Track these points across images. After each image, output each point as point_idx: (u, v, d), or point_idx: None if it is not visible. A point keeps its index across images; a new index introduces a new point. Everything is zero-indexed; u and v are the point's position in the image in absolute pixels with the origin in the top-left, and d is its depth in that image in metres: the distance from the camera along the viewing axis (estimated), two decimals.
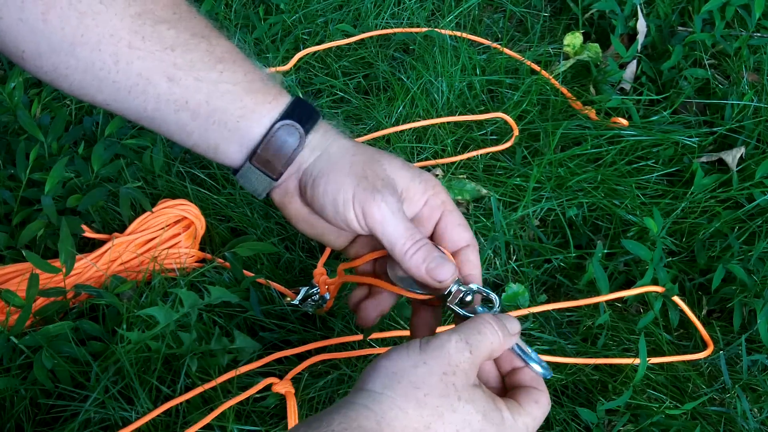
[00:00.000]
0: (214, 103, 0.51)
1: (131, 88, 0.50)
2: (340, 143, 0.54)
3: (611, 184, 0.94)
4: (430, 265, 0.50)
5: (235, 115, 0.52)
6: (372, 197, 0.50)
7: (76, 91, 0.51)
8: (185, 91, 0.50)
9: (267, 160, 0.53)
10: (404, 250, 0.50)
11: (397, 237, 0.50)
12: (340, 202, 0.51)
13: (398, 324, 0.79)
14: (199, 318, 0.76)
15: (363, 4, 1.16)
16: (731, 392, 0.77)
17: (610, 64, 1.09)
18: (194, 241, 0.85)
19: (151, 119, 0.52)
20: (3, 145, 0.92)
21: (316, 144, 0.53)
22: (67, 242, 0.76)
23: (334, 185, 0.51)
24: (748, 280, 0.83)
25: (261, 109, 0.52)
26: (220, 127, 0.52)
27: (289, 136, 0.52)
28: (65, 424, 0.70)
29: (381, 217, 0.50)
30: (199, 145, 0.54)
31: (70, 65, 0.49)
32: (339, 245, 0.57)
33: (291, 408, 0.71)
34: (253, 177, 0.54)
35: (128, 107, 0.51)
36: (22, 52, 0.49)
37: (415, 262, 0.50)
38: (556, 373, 0.77)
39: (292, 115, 0.53)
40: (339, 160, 0.52)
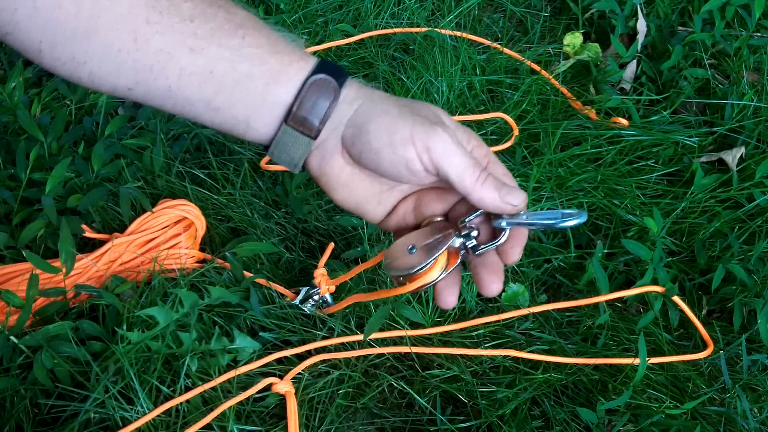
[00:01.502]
0: (240, 68, 0.49)
1: (153, 66, 0.48)
2: (378, 93, 0.53)
3: (611, 184, 0.94)
4: (503, 191, 0.50)
5: (263, 78, 0.50)
6: (432, 130, 0.49)
7: (95, 79, 0.49)
8: (208, 60, 0.49)
9: (303, 118, 0.50)
10: (474, 178, 0.49)
11: (464, 167, 0.49)
12: (397, 141, 0.49)
13: (398, 324, 0.79)
14: (199, 318, 0.76)
15: (363, 4, 1.16)
16: (731, 392, 0.77)
17: (610, 64, 1.09)
18: (194, 241, 0.85)
19: (176, 100, 0.50)
20: (3, 145, 0.92)
21: (353, 96, 0.52)
22: (67, 242, 0.76)
23: (387, 127, 0.50)
24: (748, 280, 0.83)
25: (288, 69, 0.51)
26: (248, 95, 0.50)
27: (324, 90, 0.51)
28: (65, 424, 0.70)
29: (445, 149, 0.49)
30: (227, 122, 0.52)
31: (88, 51, 0.47)
32: (378, 215, 0.56)
33: (291, 408, 0.72)
34: (289, 141, 0.51)
35: (151, 89, 0.50)
36: (39, 44, 0.47)
37: (488, 190, 0.49)
38: (556, 373, 0.77)
39: (322, 71, 0.51)
40: (385, 106, 0.51)
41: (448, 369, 0.77)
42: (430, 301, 0.82)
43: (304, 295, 0.80)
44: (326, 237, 0.89)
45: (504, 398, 0.75)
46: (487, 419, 0.74)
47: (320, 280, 0.79)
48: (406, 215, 0.56)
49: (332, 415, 0.73)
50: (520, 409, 0.75)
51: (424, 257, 0.51)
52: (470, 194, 0.50)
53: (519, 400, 0.75)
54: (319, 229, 0.89)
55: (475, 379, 0.77)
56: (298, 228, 0.89)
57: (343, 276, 0.77)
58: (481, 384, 0.76)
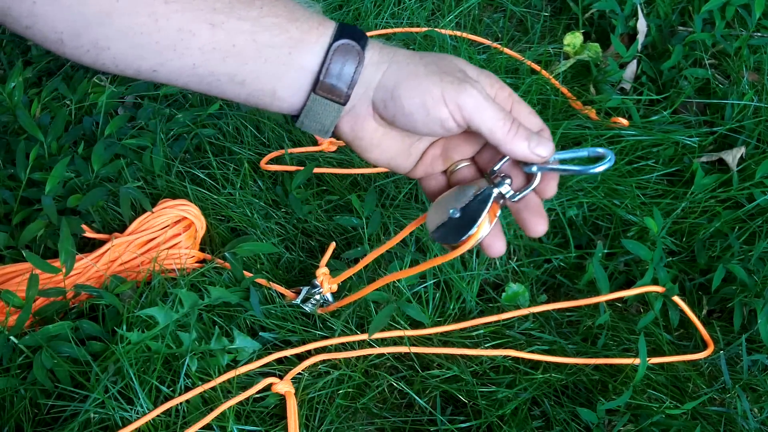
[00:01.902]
0: (261, 39, 0.49)
1: (175, 46, 0.48)
2: (403, 52, 0.53)
3: (611, 183, 0.94)
4: (532, 143, 0.51)
5: (285, 47, 0.50)
6: (461, 88, 0.51)
7: (120, 63, 0.49)
8: (229, 34, 0.49)
9: (331, 86, 0.51)
10: (506, 131, 0.51)
11: (495, 120, 0.51)
12: (429, 103, 0.51)
13: (399, 324, 0.79)
14: (199, 318, 0.76)
15: (363, 4, 1.16)
16: (731, 392, 0.77)
17: (610, 64, 1.09)
18: (194, 241, 0.85)
19: (201, 77, 0.50)
20: (3, 145, 0.92)
21: (378, 59, 0.52)
22: (67, 242, 0.76)
23: (418, 89, 0.51)
24: (748, 280, 0.83)
25: (309, 36, 0.51)
26: (272, 65, 0.50)
27: (348, 55, 0.51)
28: (65, 424, 0.70)
29: (476, 104, 0.51)
30: (253, 95, 0.52)
31: (110, 36, 0.47)
32: (408, 167, 0.58)
33: (291, 408, 0.72)
34: (319, 110, 0.52)
35: (175, 69, 0.50)
36: (61, 34, 0.47)
37: (518, 142, 0.51)
38: (556, 373, 0.77)
39: (344, 35, 0.51)
40: (412, 66, 0.52)
41: (448, 369, 0.77)
42: (431, 300, 0.82)
43: (305, 295, 0.80)
44: (326, 237, 0.89)
45: (504, 398, 0.75)
46: (487, 419, 0.74)
47: (322, 279, 0.79)
48: (434, 161, 0.57)
49: (332, 415, 0.73)
50: (520, 409, 0.74)
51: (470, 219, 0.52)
52: (502, 146, 0.52)
53: (519, 400, 0.75)
54: (319, 229, 0.89)
55: (475, 379, 0.77)
56: (298, 228, 0.89)
57: (345, 273, 0.77)
58: (481, 384, 0.76)
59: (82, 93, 1.00)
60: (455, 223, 0.53)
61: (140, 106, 1.00)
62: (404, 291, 0.81)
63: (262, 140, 0.98)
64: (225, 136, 0.98)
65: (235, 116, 0.99)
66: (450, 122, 0.51)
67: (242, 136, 0.98)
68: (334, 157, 0.97)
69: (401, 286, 0.81)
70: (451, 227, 0.53)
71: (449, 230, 0.53)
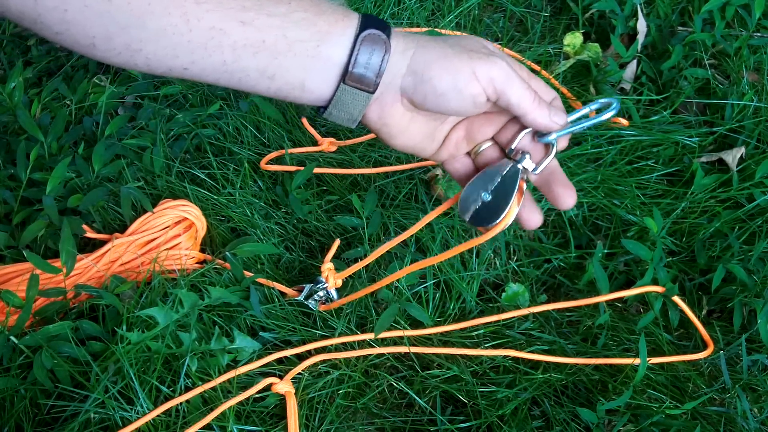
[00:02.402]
0: (291, 34, 0.51)
1: (207, 44, 0.49)
2: (424, 37, 0.55)
3: (611, 184, 0.94)
4: (552, 112, 0.55)
5: (313, 40, 0.51)
6: (491, 61, 0.53)
7: (152, 63, 0.50)
8: (259, 30, 0.50)
9: (360, 76, 0.52)
10: (531, 101, 0.54)
11: (523, 91, 0.54)
12: (461, 81, 0.53)
13: (399, 324, 0.79)
14: (199, 318, 0.76)
15: (363, 4, 1.16)
16: (731, 392, 0.77)
17: (610, 64, 1.09)
18: (195, 241, 0.85)
19: (231, 73, 0.51)
20: (3, 145, 0.92)
21: (404, 46, 0.53)
22: (67, 242, 0.76)
23: (448, 69, 0.53)
24: (748, 280, 0.83)
25: (335, 29, 0.52)
26: (301, 59, 0.51)
27: (375, 45, 0.52)
28: (65, 424, 0.70)
29: (506, 77, 0.53)
30: (282, 88, 0.53)
31: (143, 38, 0.48)
32: (433, 150, 0.60)
33: (291, 408, 0.72)
34: (348, 99, 0.53)
35: (206, 66, 0.51)
36: (93, 38, 0.48)
37: (542, 111, 0.55)
38: (556, 373, 0.77)
39: (369, 26, 0.52)
40: (438, 49, 0.53)
41: (448, 369, 0.77)
42: (431, 300, 0.82)
43: (309, 291, 0.80)
44: (326, 237, 0.89)
45: (504, 398, 0.75)
46: (487, 419, 0.74)
47: (327, 274, 0.79)
48: (458, 144, 0.60)
49: (332, 415, 0.74)
50: (520, 409, 0.75)
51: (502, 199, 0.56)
52: (526, 115, 0.55)
53: (519, 400, 0.75)
54: (319, 229, 0.89)
55: (475, 379, 0.77)
56: (298, 228, 0.89)
57: (351, 267, 0.77)
58: (481, 384, 0.76)
59: (82, 93, 1.00)
60: (488, 205, 0.56)
61: (140, 107, 1.00)
62: (404, 291, 0.81)
63: (262, 140, 0.98)
64: (225, 136, 0.98)
65: (235, 116, 0.99)
66: (481, 97, 0.54)
67: (242, 136, 0.98)
68: (334, 157, 0.97)
69: (401, 286, 0.81)
70: (485, 210, 0.56)
71: (484, 213, 0.56)
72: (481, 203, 0.57)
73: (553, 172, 0.58)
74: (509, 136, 0.59)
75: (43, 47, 1.12)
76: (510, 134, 0.59)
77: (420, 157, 0.62)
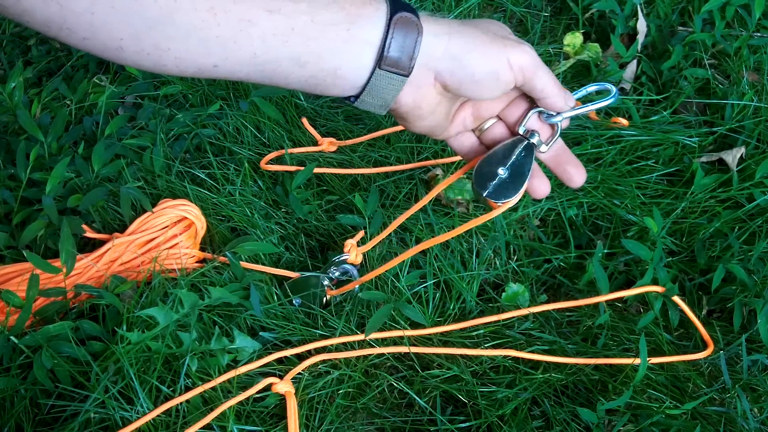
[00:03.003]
0: (319, 19, 0.50)
1: (236, 37, 0.49)
2: (456, 22, 0.56)
3: (611, 184, 0.94)
4: (566, 95, 0.59)
5: (344, 23, 0.51)
6: (522, 50, 0.55)
7: (182, 63, 0.49)
8: (288, 18, 0.49)
9: (396, 59, 0.52)
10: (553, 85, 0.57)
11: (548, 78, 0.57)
12: (499, 69, 0.55)
13: (398, 324, 0.79)
14: (199, 318, 0.76)
15: None
16: (731, 392, 0.77)
17: (610, 64, 1.09)
18: (195, 241, 0.85)
19: (263, 65, 0.50)
20: (3, 145, 0.92)
21: (436, 29, 0.54)
22: (67, 242, 0.76)
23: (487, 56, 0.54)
24: (748, 280, 0.83)
25: (366, 11, 0.51)
26: (334, 43, 0.51)
27: (408, 27, 0.52)
28: (65, 424, 0.70)
29: (535, 63, 0.56)
30: (315, 76, 0.52)
31: (171, 37, 0.47)
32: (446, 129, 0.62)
33: (291, 408, 0.72)
34: (383, 84, 0.53)
35: (237, 61, 0.50)
36: (120, 41, 0.47)
37: (561, 96, 0.59)
38: (556, 373, 0.77)
39: (399, 9, 0.52)
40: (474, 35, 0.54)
41: (448, 369, 0.77)
42: (430, 301, 0.82)
43: (329, 263, 0.81)
44: (326, 237, 0.89)
45: (504, 398, 0.75)
46: (487, 419, 0.74)
47: (350, 247, 0.80)
48: (466, 120, 0.62)
49: (332, 415, 0.73)
50: (520, 409, 0.75)
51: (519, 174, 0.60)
52: (548, 98, 0.58)
53: (519, 400, 0.75)
54: (319, 229, 0.89)
55: (475, 379, 0.77)
56: (299, 228, 0.89)
57: (373, 240, 0.77)
58: (481, 384, 0.76)
59: (82, 93, 1.00)
60: (505, 181, 0.59)
61: (140, 106, 1.00)
62: (404, 291, 0.81)
63: (262, 140, 0.98)
64: (225, 136, 0.98)
65: (235, 116, 0.99)
66: (512, 84, 0.56)
67: (242, 136, 0.98)
68: (334, 157, 0.97)
69: (401, 286, 0.81)
70: (502, 185, 0.59)
71: (502, 188, 0.59)
72: (498, 179, 0.59)
73: (563, 151, 0.62)
74: (515, 113, 0.61)
75: (43, 47, 1.12)
76: (516, 111, 0.61)
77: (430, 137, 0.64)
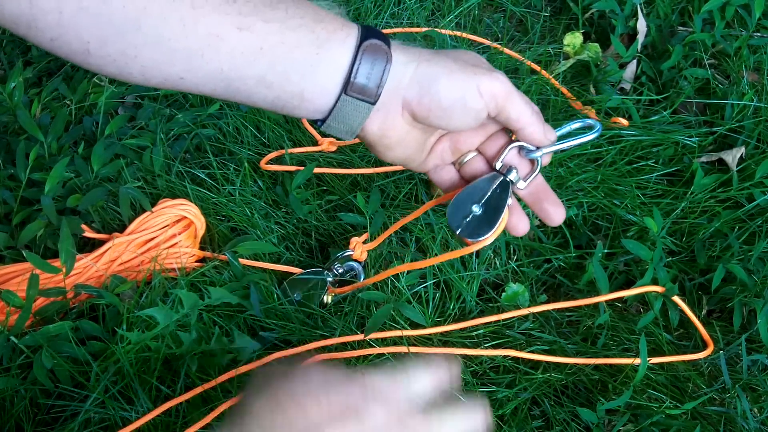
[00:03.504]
0: (288, 41, 0.49)
1: (204, 51, 0.48)
2: (426, 50, 0.54)
3: (611, 184, 0.94)
4: (545, 128, 0.56)
5: (313, 47, 0.50)
6: (494, 77, 0.53)
7: (147, 72, 0.49)
8: (257, 36, 0.49)
9: (362, 86, 0.51)
10: (530, 115, 0.55)
11: (523, 105, 0.54)
12: (468, 97, 0.53)
13: (398, 324, 0.79)
14: (199, 318, 0.76)
15: (363, 4, 1.16)
16: (731, 392, 0.77)
17: (610, 64, 1.09)
18: (194, 240, 0.85)
19: (229, 81, 0.50)
20: (3, 145, 0.92)
21: (405, 58, 0.53)
22: (67, 242, 0.76)
23: (455, 83, 0.52)
24: (748, 280, 0.83)
25: (335, 36, 0.51)
26: (301, 66, 0.50)
27: (377, 54, 0.51)
28: (65, 424, 0.70)
29: (508, 91, 0.53)
30: (280, 97, 0.52)
31: (138, 44, 0.47)
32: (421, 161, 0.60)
33: None
34: (349, 110, 0.52)
35: (203, 75, 0.49)
36: (87, 44, 0.47)
37: (538, 126, 0.55)
38: (556, 373, 0.77)
39: (369, 36, 0.52)
40: (442, 63, 0.53)
41: None
42: (430, 301, 0.82)
43: (334, 260, 0.81)
44: (326, 237, 0.89)
45: (504, 398, 0.75)
46: None
47: (355, 244, 0.80)
48: (444, 153, 0.60)
49: None
50: (520, 409, 0.75)
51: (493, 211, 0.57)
52: (524, 129, 0.55)
53: (519, 400, 0.75)
54: (319, 229, 0.89)
55: (475, 379, 0.77)
56: (298, 228, 0.89)
57: (378, 239, 0.77)
58: (481, 384, 0.76)
59: (82, 93, 1.00)
60: (479, 218, 0.57)
61: (140, 106, 1.00)
62: (404, 291, 0.81)
63: (262, 140, 0.98)
64: (225, 136, 0.98)
65: (235, 116, 0.99)
66: (483, 112, 0.54)
67: (242, 136, 0.98)
68: (334, 157, 0.97)
69: (401, 286, 0.81)
70: (476, 223, 0.57)
71: (475, 226, 0.57)
72: (472, 216, 0.57)
73: (542, 188, 0.59)
74: (494, 146, 0.59)
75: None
76: (495, 145, 0.59)
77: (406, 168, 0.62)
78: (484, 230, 0.56)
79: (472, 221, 0.57)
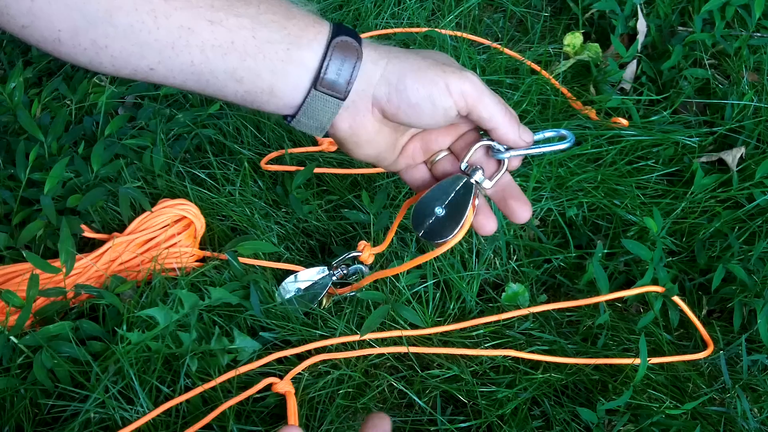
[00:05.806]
0: (260, 36, 0.50)
1: (174, 43, 0.48)
2: (397, 49, 0.55)
3: (611, 184, 0.94)
4: (520, 129, 0.56)
5: (284, 43, 0.51)
6: (464, 76, 0.53)
7: (117, 62, 0.49)
8: (229, 31, 0.49)
9: (332, 82, 0.52)
10: (503, 115, 0.55)
11: (495, 105, 0.54)
12: (436, 94, 0.53)
13: (397, 324, 0.79)
14: (199, 318, 0.76)
15: (363, 4, 1.16)
16: (731, 392, 0.77)
17: (610, 64, 1.09)
18: (194, 240, 0.85)
19: (199, 74, 0.50)
20: (3, 145, 0.92)
21: (376, 56, 0.53)
22: (67, 242, 0.76)
23: (423, 81, 0.53)
24: (748, 280, 0.83)
25: (307, 33, 0.51)
26: (271, 62, 0.51)
27: (348, 52, 0.52)
28: (65, 424, 0.70)
29: (479, 91, 0.54)
30: (250, 92, 0.52)
31: (109, 34, 0.47)
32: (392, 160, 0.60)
33: (291, 408, 0.72)
34: (318, 106, 0.53)
35: (173, 67, 0.50)
36: (59, 32, 0.47)
37: (512, 126, 0.55)
38: (556, 373, 0.77)
39: (341, 32, 0.52)
40: (412, 61, 0.53)
41: (448, 369, 0.77)
42: (430, 301, 0.82)
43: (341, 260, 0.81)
44: (326, 237, 0.89)
45: (504, 398, 0.75)
46: (487, 419, 0.74)
47: (364, 247, 0.80)
48: (415, 153, 0.60)
49: (332, 415, 0.73)
50: (520, 409, 0.75)
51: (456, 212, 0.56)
52: (498, 129, 0.55)
53: (519, 400, 0.75)
54: (319, 229, 0.89)
55: (475, 379, 0.77)
56: (298, 228, 0.89)
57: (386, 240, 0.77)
58: (481, 384, 0.76)
59: (82, 93, 1.00)
60: (441, 220, 0.56)
61: (140, 106, 1.00)
62: (404, 291, 0.81)
63: (262, 140, 0.98)
64: (225, 136, 0.98)
65: (235, 116, 0.99)
66: (453, 111, 0.54)
67: (242, 136, 0.98)
68: (334, 157, 0.97)
69: (401, 286, 0.81)
70: (438, 224, 0.56)
71: (437, 228, 0.56)
72: (435, 218, 0.56)
73: (508, 186, 0.58)
74: (464, 146, 0.59)
75: None
76: (465, 145, 0.59)
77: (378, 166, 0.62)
78: (447, 232, 0.56)
79: (434, 223, 0.56)
